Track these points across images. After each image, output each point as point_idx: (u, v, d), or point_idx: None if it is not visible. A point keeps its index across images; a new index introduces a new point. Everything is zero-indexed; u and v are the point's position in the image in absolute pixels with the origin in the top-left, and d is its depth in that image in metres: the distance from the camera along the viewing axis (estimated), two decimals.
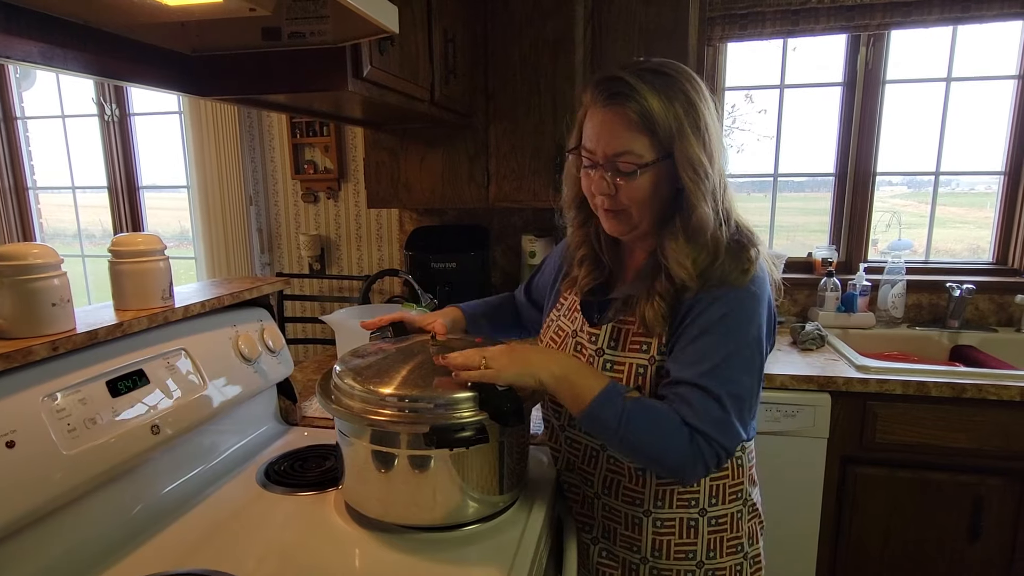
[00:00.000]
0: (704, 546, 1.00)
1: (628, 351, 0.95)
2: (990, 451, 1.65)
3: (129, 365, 0.95)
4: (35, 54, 0.90)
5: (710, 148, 0.86)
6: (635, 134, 0.86)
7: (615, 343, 0.97)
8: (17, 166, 2.94)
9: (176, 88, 1.19)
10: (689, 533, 1.00)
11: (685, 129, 0.84)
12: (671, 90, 0.85)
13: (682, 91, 0.86)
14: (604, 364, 0.97)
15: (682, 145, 0.85)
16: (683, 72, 0.88)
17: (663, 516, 1.00)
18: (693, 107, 0.85)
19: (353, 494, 0.97)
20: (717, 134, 0.88)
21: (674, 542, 1.00)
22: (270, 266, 2.69)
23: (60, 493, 0.81)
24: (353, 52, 1.17)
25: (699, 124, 0.85)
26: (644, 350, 0.94)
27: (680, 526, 1.00)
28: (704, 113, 0.86)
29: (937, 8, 1.98)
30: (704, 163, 0.85)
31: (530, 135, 1.93)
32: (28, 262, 0.83)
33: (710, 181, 0.86)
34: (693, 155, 0.85)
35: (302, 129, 2.50)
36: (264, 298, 1.33)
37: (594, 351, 0.99)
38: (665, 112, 0.84)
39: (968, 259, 2.34)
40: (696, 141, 0.85)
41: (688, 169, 0.85)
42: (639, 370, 0.93)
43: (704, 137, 0.85)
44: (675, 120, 0.84)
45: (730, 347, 0.86)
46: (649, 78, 0.85)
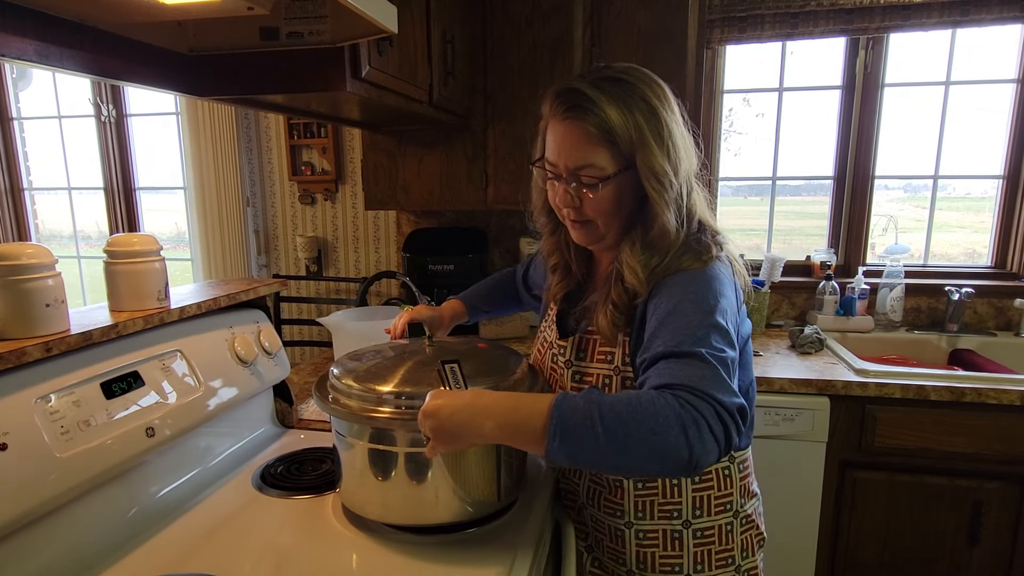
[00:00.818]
0: (691, 559, 0.97)
1: (595, 362, 0.94)
2: (989, 455, 1.65)
3: (124, 367, 0.95)
4: (31, 52, 0.89)
5: (675, 156, 0.84)
6: (595, 147, 0.84)
7: (583, 354, 0.96)
8: (13, 167, 2.93)
9: (173, 88, 1.18)
10: (673, 545, 0.97)
11: (646, 138, 0.82)
12: (630, 98, 0.83)
13: (642, 98, 0.83)
14: (573, 375, 0.97)
15: (644, 155, 0.83)
16: (644, 77, 0.86)
17: (645, 528, 0.98)
18: (655, 114, 0.83)
19: (351, 496, 0.96)
20: (683, 139, 0.86)
21: (658, 554, 0.97)
22: (267, 268, 2.68)
23: (53, 496, 0.80)
24: (351, 52, 1.16)
25: (661, 132, 0.83)
26: (608, 360, 0.92)
27: (663, 538, 0.97)
28: (666, 119, 0.84)
29: (936, 11, 1.99)
30: (667, 172, 0.83)
31: (529, 137, 1.93)
32: (22, 262, 0.82)
33: (673, 190, 0.84)
34: (655, 164, 0.83)
35: (300, 130, 2.49)
36: (261, 300, 1.32)
37: (563, 363, 0.99)
38: (624, 122, 0.82)
39: (967, 263, 2.34)
40: (659, 150, 0.83)
41: (651, 179, 0.83)
42: (605, 380, 0.93)
43: (667, 145, 0.83)
44: (635, 130, 0.82)
45: (699, 317, 0.78)
46: (607, 87, 0.83)
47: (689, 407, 0.68)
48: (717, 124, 2.33)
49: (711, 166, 2.34)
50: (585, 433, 0.68)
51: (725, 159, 2.41)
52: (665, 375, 0.72)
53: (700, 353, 0.73)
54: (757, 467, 1.14)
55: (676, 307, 0.79)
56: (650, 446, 0.67)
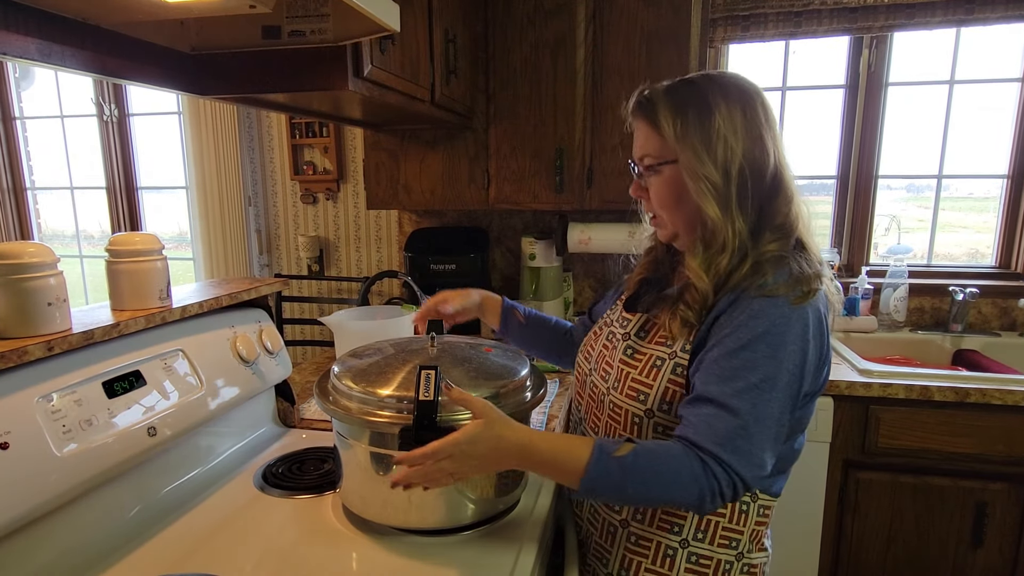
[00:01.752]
0: None
1: (654, 343, 0.92)
2: (994, 456, 1.64)
3: (126, 366, 0.94)
4: (32, 51, 0.88)
5: (724, 153, 0.84)
6: (650, 138, 0.90)
7: (643, 333, 0.94)
8: (15, 166, 2.93)
9: (175, 87, 1.18)
10: (664, 562, 0.91)
11: (688, 133, 0.85)
12: (688, 97, 0.87)
13: (701, 97, 0.86)
14: (625, 349, 0.94)
15: (683, 148, 0.86)
16: (715, 80, 0.89)
17: (639, 532, 0.93)
18: (707, 112, 0.85)
19: (351, 497, 0.96)
20: (741, 140, 0.85)
21: (645, 565, 0.92)
22: (268, 267, 2.68)
23: (55, 495, 0.80)
24: (354, 51, 1.16)
25: (708, 129, 0.84)
26: (668, 344, 0.90)
27: (655, 550, 0.91)
28: (717, 119, 0.85)
29: (941, 10, 1.98)
30: (707, 165, 0.84)
31: (531, 137, 1.92)
32: (23, 261, 0.82)
33: (715, 186, 0.84)
34: (691, 159, 0.85)
35: (301, 130, 2.49)
36: (262, 299, 1.32)
37: (621, 335, 0.97)
38: (672, 117, 0.86)
39: (970, 263, 2.33)
40: (700, 145, 0.85)
41: (688, 170, 0.86)
42: (656, 362, 0.89)
43: (713, 142, 0.84)
44: (681, 125, 0.86)
45: (768, 370, 0.78)
46: (674, 87, 0.89)
47: (713, 479, 0.75)
48: None
49: None
50: (612, 494, 0.80)
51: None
52: (704, 430, 0.77)
53: (747, 416, 0.76)
54: None
55: (749, 343, 0.79)
56: (666, 502, 0.82)
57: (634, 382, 0.90)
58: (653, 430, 0.89)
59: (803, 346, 0.81)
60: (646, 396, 0.88)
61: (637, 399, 0.89)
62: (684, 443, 0.78)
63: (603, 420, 0.96)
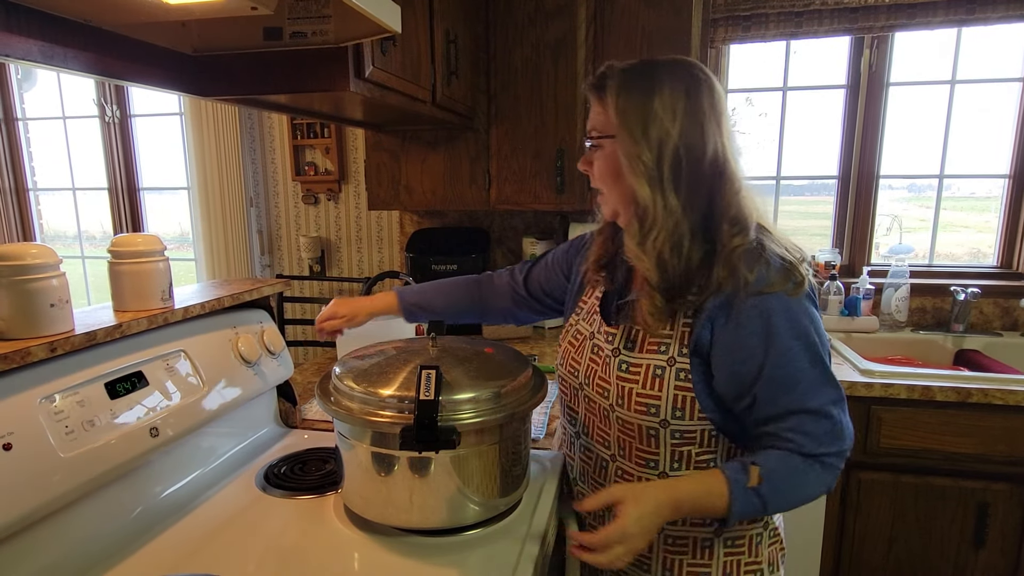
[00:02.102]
0: (719, 569, 0.95)
1: (646, 352, 0.91)
2: (996, 457, 1.64)
3: (128, 367, 0.95)
4: (35, 52, 0.89)
5: (659, 134, 0.85)
6: (599, 113, 0.92)
7: (631, 344, 0.93)
8: (18, 167, 2.94)
9: (177, 88, 1.18)
10: (703, 553, 0.95)
11: (629, 111, 0.87)
12: (638, 77, 0.88)
13: (648, 78, 0.88)
14: (620, 365, 0.93)
15: (621, 124, 0.87)
16: (667, 64, 0.90)
17: (675, 533, 0.95)
18: (650, 93, 0.86)
19: (353, 497, 0.96)
20: (679, 123, 0.85)
21: (687, 562, 0.95)
22: (270, 268, 2.68)
23: (58, 496, 0.80)
24: (355, 52, 1.16)
25: (647, 109, 0.85)
26: (662, 351, 0.90)
27: (693, 545, 0.95)
28: (657, 100, 0.85)
29: (942, 10, 1.98)
30: (640, 144, 0.85)
31: (531, 137, 1.93)
32: (26, 262, 0.82)
33: (645, 165, 0.85)
34: (625, 138, 0.87)
35: (303, 131, 2.49)
36: (264, 300, 1.32)
37: (610, 351, 0.95)
38: (618, 95, 0.88)
39: (972, 263, 2.33)
40: (636, 124, 0.86)
41: (622, 147, 0.87)
42: (656, 371, 0.90)
43: (649, 122, 0.85)
44: (624, 102, 0.87)
45: (809, 356, 0.84)
46: (628, 67, 0.90)
47: (831, 469, 0.87)
48: None
49: None
50: (755, 516, 0.89)
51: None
52: (805, 441, 0.85)
53: (829, 411, 0.85)
54: None
55: (790, 351, 0.84)
56: (798, 505, 0.89)
57: (640, 397, 0.90)
58: (671, 437, 0.90)
59: (821, 328, 0.87)
60: (657, 408, 0.89)
61: (648, 413, 0.90)
62: (808, 461, 0.85)
63: (613, 435, 0.97)
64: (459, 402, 0.86)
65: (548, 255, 1.21)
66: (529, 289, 1.22)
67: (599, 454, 1.00)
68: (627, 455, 0.95)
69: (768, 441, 0.87)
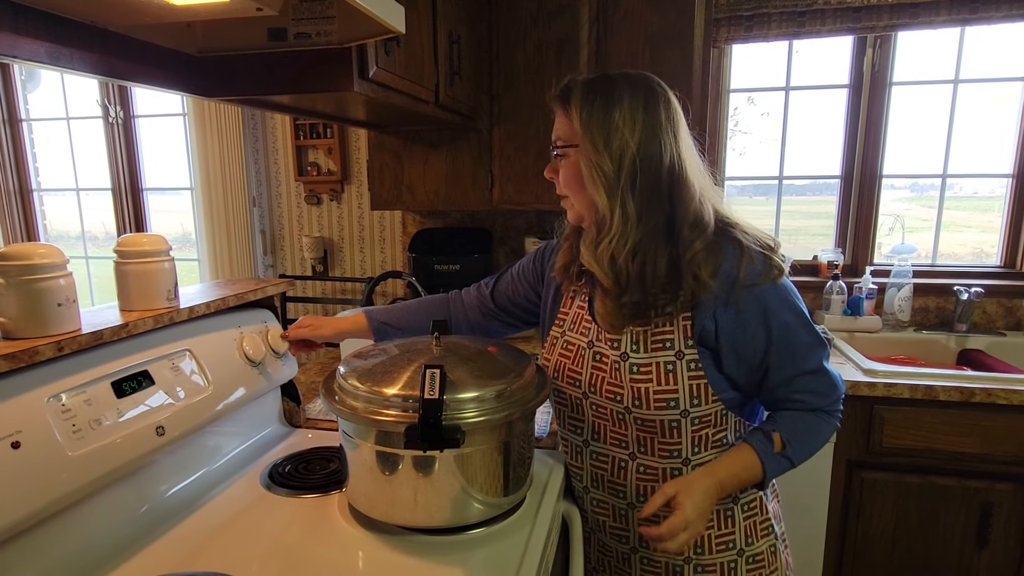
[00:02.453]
0: (742, 534, 1.03)
1: (652, 351, 0.96)
2: (999, 456, 1.64)
3: (134, 366, 0.95)
4: (42, 54, 0.89)
5: (619, 144, 0.90)
6: (564, 124, 0.98)
7: (636, 346, 0.97)
8: (22, 168, 2.95)
9: (181, 89, 1.19)
10: (726, 523, 1.03)
11: (592, 122, 0.92)
12: (599, 90, 0.93)
13: (608, 91, 0.93)
14: (630, 368, 0.97)
15: (584, 135, 0.92)
16: (630, 78, 0.95)
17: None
18: (610, 106, 0.91)
19: (357, 496, 0.97)
20: (637, 135, 0.91)
21: (714, 535, 1.03)
22: (273, 268, 2.69)
23: (65, 494, 0.80)
24: (359, 53, 1.16)
25: (608, 121, 0.91)
26: (668, 347, 0.95)
27: (717, 518, 1.03)
28: (617, 113, 0.91)
29: (945, 9, 1.98)
30: (602, 154, 0.91)
31: (534, 137, 1.93)
32: (34, 262, 0.83)
33: (605, 174, 0.91)
34: (588, 148, 0.92)
35: (306, 131, 2.50)
36: (268, 299, 1.32)
37: (618, 356, 0.99)
38: (582, 106, 0.93)
39: (975, 263, 2.33)
40: (598, 134, 0.91)
41: (584, 157, 0.93)
42: (667, 367, 0.95)
43: (610, 133, 0.91)
44: (587, 114, 0.92)
45: (802, 323, 0.96)
46: (590, 80, 0.96)
47: (837, 414, 1.01)
48: (723, 123, 2.32)
49: (716, 164, 2.34)
50: (784, 471, 0.99)
51: (731, 158, 2.40)
52: (811, 398, 0.98)
53: (825, 368, 0.98)
54: None
55: (789, 324, 0.95)
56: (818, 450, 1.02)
57: (657, 394, 0.96)
58: (691, 424, 0.97)
59: (799, 297, 0.98)
60: (676, 400, 0.96)
61: (668, 407, 0.96)
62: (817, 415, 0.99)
63: (631, 435, 1.01)
64: (463, 401, 0.87)
65: (513, 267, 1.24)
66: (496, 301, 1.23)
67: (616, 456, 1.03)
68: (649, 451, 1.00)
69: (780, 404, 1.00)
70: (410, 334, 1.22)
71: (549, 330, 1.13)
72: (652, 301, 0.95)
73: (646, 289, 0.94)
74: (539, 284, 1.19)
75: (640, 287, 0.94)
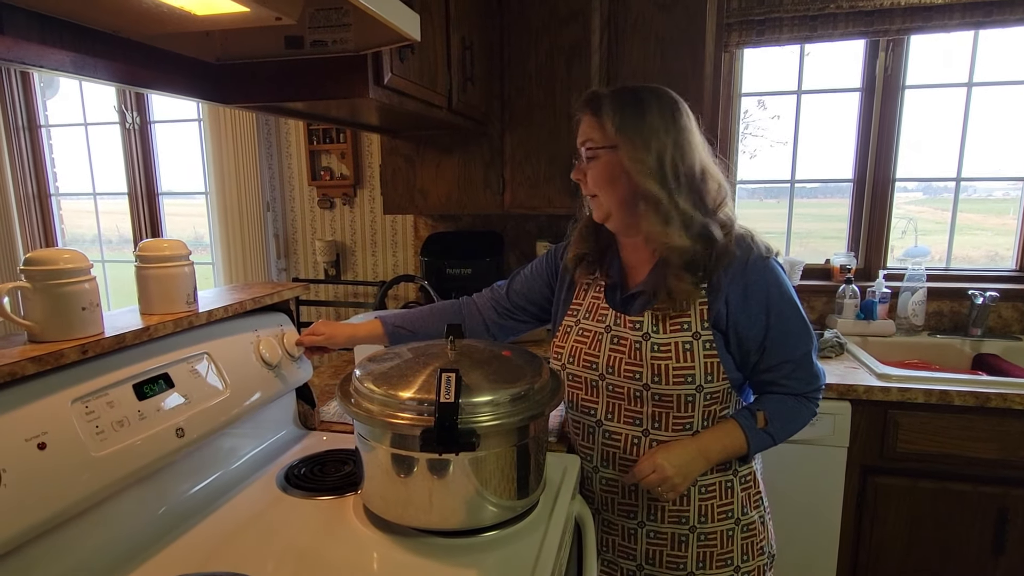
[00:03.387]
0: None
1: (670, 332, 1.06)
2: (1015, 462, 1.62)
3: (154, 369, 0.97)
4: (67, 63, 0.92)
5: (657, 144, 1.01)
6: (594, 128, 1.06)
7: (656, 327, 1.07)
8: (40, 173, 2.99)
9: (199, 96, 1.21)
10: (726, 494, 1.12)
11: (627, 125, 1.02)
12: (629, 99, 1.04)
13: (638, 99, 1.03)
14: (652, 347, 1.06)
15: (623, 137, 1.02)
16: (654, 90, 1.05)
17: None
18: (643, 111, 1.02)
19: (372, 498, 0.98)
20: (672, 135, 1.02)
21: (716, 504, 1.11)
22: (286, 272, 2.71)
23: (89, 494, 0.82)
24: (374, 60, 1.18)
25: (644, 124, 1.01)
26: (685, 328, 1.05)
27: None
28: (649, 116, 1.02)
29: (959, 12, 1.97)
30: (642, 151, 1.01)
31: (545, 142, 1.94)
32: (60, 267, 0.85)
33: (650, 168, 1.01)
34: (630, 146, 1.01)
35: (319, 136, 2.52)
36: (284, 303, 1.34)
37: (640, 336, 1.07)
38: (614, 112, 1.02)
39: (989, 266, 2.30)
40: (636, 136, 1.01)
41: (629, 155, 1.01)
42: (685, 346, 1.05)
43: (647, 133, 1.01)
44: (621, 119, 1.02)
45: (794, 313, 1.06)
46: (619, 92, 1.06)
47: (816, 403, 1.12)
48: (735, 127, 2.32)
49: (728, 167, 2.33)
50: (766, 447, 1.10)
51: (742, 161, 2.40)
52: (799, 381, 1.09)
53: (811, 356, 1.08)
54: (778, 473, 1.18)
55: (784, 312, 1.05)
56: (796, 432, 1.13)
57: (676, 370, 1.05)
58: (704, 400, 1.06)
59: (792, 288, 1.07)
60: (693, 376, 1.05)
61: (686, 382, 1.05)
62: (800, 400, 1.09)
63: (647, 412, 1.09)
64: (478, 404, 0.87)
65: (526, 268, 1.33)
66: (512, 300, 1.31)
67: (628, 434, 1.12)
68: (663, 426, 1.09)
69: (767, 388, 1.10)
70: (423, 338, 1.26)
71: (561, 320, 1.20)
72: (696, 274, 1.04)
73: (696, 267, 1.04)
74: (553, 280, 1.26)
75: (695, 264, 1.04)
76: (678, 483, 1.03)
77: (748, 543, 1.13)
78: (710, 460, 1.06)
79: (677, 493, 1.05)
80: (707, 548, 1.11)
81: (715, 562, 1.11)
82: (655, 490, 1.04)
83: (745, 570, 1.13)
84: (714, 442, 1.07)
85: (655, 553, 1.14)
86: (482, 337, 1.33)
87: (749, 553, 1.13)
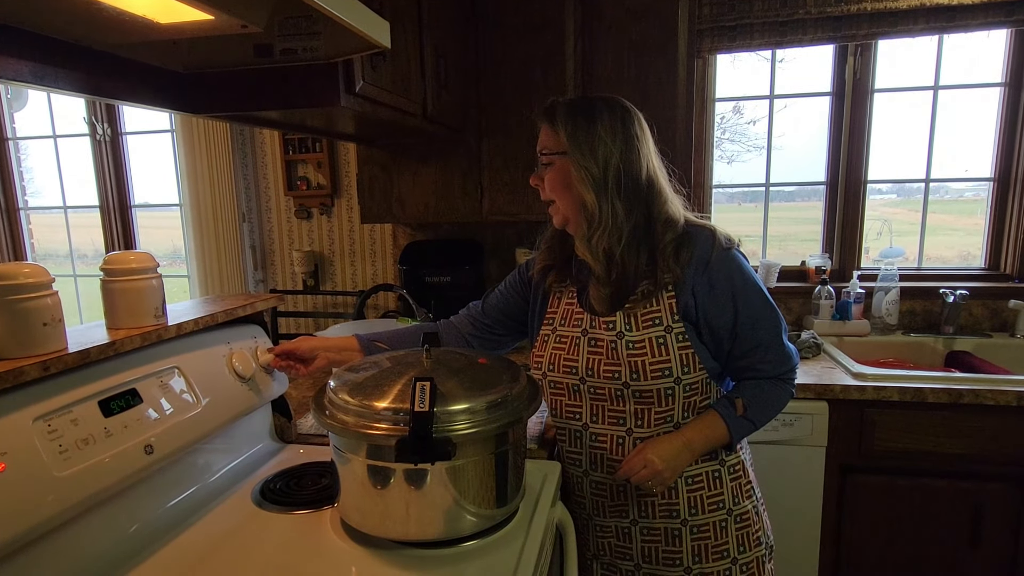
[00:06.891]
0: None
1: (643, 329, 1.08)
2: (989, 457, 1.65)
3: (121, 384, 0.94)
4: (26, 73, 0.89)
5: (603, 152, 1.04)
6: (549, 136, 1.10)
7: (629, 326, 1.08)
8: (8, 186, 2.93)
9: (168, 106, 1.19)
10: (714, 484, 1.13)
11: (579, 134, 1.05)
12: (582, 107, 1.08)
13: (590, 108, 1.07)
14: (626, 345, 1.08)
15: (572, 144, 1.06)
16: (608, 101, 1.09)
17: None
18: (593, 120, 1.06)
19: (349, 511, 0.96)
20: (618, 145, 1.05)
21: (704, 495, 1.12)
22: (264, 283, 2.68)
23: (53, 515, 0.79)
24: (345, 68, 1.17)
25: (593, 132, 1.05)
26: (657, 323, 1.07)
27: (707, 479, 1.13)
28: (599, 125, 1.05)
29: (923, 18, 2.01)
30: (588, 159, 1.04)
31: (523, 148, 1.94)
32: (19, 281, 0.82)
33: (593, 176, 1.04)
34: (577, 152, 1.05)
35: (295, 146, 2.50)
36: (258, 315, 1.32)
37: (614, 336, 1.09)
38: (567, 123, 1.06)
39: (960, 265, 2.35)
40: (584, 143, 1.05)
41: (574, 162, 1.05)
42: (659, 341, 1.07)
43: (595, 142, 1.05)
44: (572, 126, 1.06)
45: (760, 299, 1.09)
46: (574, 102, 1.10)
47: (791, 383, 1.15)
48: (709, 132, 2.35)
49: (703, 172, 2.36)
50: (748, 433, 1.12)
51: (720, 166, 2.43)
52: (768, 368, 1.11)
53: (782, 339, 1.11)
54: (758, 473, 1.17)
55: (749, 298, 1.08)
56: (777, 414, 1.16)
57: (652, 365, 1.07)
58: (684, 391, 1.08)
59: (755, 274, 1.11)
60: (669, 370, 1.07)
61: (663, 376, 1.07)
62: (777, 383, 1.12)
63: (629, 410, 1.11)
64: (454, 413, 0.87)
65: (500, 285, 1.35)
66: (489, 315, 1.32)
67: (613, 434, 1.13)
68: (645, 422, 1.11)
69: (743, 374, 1.13)
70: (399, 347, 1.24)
71: (539, 331, 1.21)
72: (633, 286, 1.09)
73: (628, 276, 1.08)
74: (527, 292, 1.28)
75: (624, 275, 1.08)
76: (667, 476, 1.05)
77: (743, 534, 1.13)
78: (695, 452, 1.08)
79: (665, 486, 1.07)
80: (701, 541, 1.12)
81: (711, 555, 1.12)
82: (644, 484, 1.05)
83: (743, 561, 1.13)
84: (697, 434, 1.08)
85: (650, 550, 1.14)
86: None
87: (745, 544, 1.13)
